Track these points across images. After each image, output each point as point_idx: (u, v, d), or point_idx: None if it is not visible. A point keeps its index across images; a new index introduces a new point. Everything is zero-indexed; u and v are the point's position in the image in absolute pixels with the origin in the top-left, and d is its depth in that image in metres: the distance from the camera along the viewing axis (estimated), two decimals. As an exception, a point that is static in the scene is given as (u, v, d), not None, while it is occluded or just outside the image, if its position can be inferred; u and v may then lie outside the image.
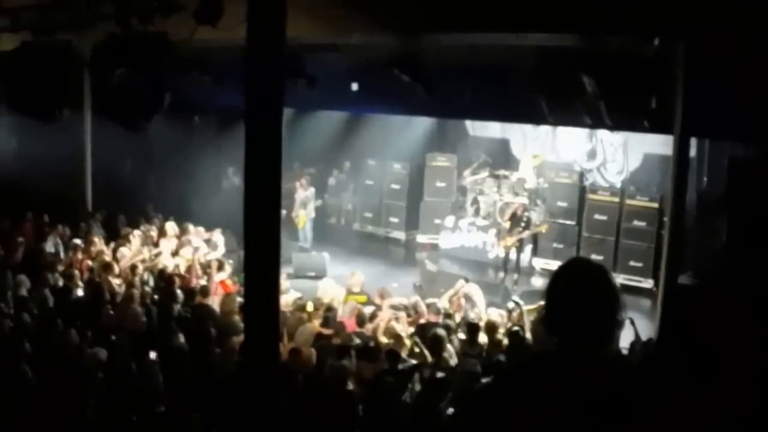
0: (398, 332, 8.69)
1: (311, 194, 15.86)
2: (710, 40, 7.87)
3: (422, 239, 16.42)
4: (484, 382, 6.84)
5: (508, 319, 9.62)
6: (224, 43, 8.67)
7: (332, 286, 11.05)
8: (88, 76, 9.67)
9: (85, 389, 6.79)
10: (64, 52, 8.76)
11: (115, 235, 13.21)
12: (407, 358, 8.02)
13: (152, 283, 10.97)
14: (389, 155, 16.83)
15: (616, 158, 15.30)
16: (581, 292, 2.43)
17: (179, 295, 9.94)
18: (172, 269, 11.30)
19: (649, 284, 13.13)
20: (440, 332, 8.47)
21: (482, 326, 9.01)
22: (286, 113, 6.13)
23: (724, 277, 10.42)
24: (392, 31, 9.01)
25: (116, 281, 10.65)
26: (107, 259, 11.48)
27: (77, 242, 12.15)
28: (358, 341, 8.55)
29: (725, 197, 11.39)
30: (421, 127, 16.99)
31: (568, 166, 15.35)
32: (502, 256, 13.92)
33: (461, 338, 8.96)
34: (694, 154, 11.61)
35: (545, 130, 15.65)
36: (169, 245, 12.54)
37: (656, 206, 13.46)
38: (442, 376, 7.39)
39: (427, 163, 16.58)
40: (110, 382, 7.04)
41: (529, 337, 8.83)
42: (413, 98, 10.63)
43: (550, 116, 10.10)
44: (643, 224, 13.60)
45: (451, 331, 9.03)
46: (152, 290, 10.52)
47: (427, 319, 9.68)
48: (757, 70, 8.03)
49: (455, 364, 8.26)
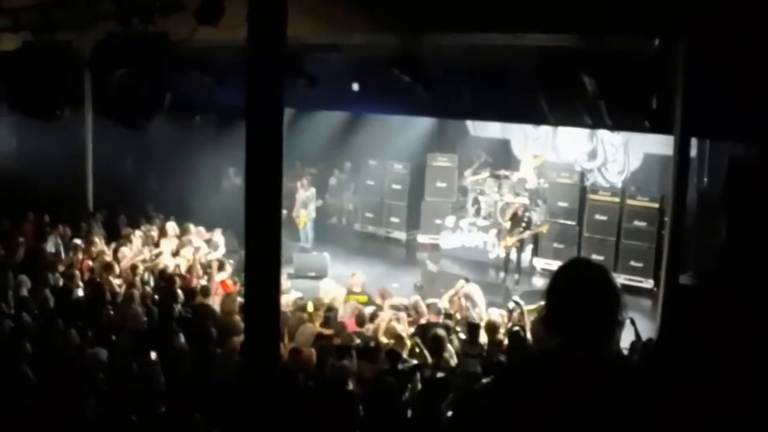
0: (399, 332, 8.68)
1: (312, 194, 15.86)
2: (710, 40, 7.87)
3: (423, 239, 16.42)
4: (484, 382, 6.84)
5: (508, 319, 9.61)
6: (225, 42, 8.71)
7: (333, 286, 11.06)
8: (88, 75, 9.69)
9: (85, 389, 6.78)
10: (64, 51, 8.76)
11: (115, 235, 13.21)
12: (408, 358, 8.02)
13: (153, 283, 10.97)
14: (390, 155, 16.81)
15: (616, 158, 15.31)
16: (582, 292, 2.43)
17: (180, 295, 9.94)
18: (172, 269, 11.29)
19: (649, 284, 13.12)
20: (440, 332, 8.47)
21: (483, 326, 9.01)
22: (286, 113, 6.14)
23: (724, 276, 10.42)
24: (393, 30, 9.00)
25: (117, 281, 10.65)
26: (108, 259, 11.49)
27: (78, 242, 12.15)
28: (358, 341, 8.55)
29: (725, 197, 11.39)
30: (421, 127, 16.99)
31: (568, 166, 15.35)
32: (502, 256, 13.92)
33: (462, 338, 8.97)
34: (694, 154, 11.63)
35: (546, 130, 15.66)
36: (169, 245, 12.53)
37: (657, 206, 13.45)
38: (442, 376, 7.39)
39: (427, 163, 16.57)
40: (111, 382, 7.03)
41: (529, 337, 8.83)
42: (414, 98, 10.62)
43: (550, 116, 10.08)
44: (643, 224, 13.59)
45: (451, 331, 9.03)
46: (153, 290, 10.52)
47: (427, 319, 9.68)
48: (757, 70, 8.03)
49: (455, 364, 8.26)
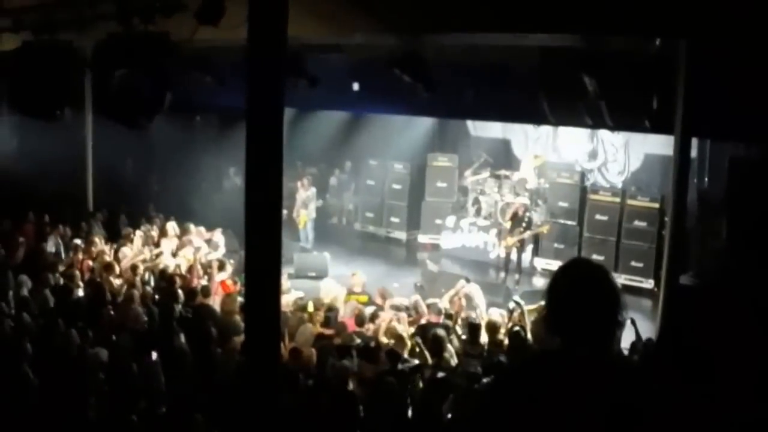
0: (399, 332, 8.67)
1: (312, 194, 15.87)
2: (711, 40, 7.87)
3: (423, 239, 16.41)
4: (484, 382, 6.84)
5: (509, 319, 9.59)
6: (225, 42, 8.69)
7: (333, 286, 11.05)
8: (89, 75, 9.68)
9: (86, 390, 6.78)
10: (65, 51, 8.74)
11: (116, 235, 13.21)
12: (408, 358, 8.01)
13: (153, 283, 10.97)
14: (390, 155, 16.81)
15: (617, 158, 15.30)
16: (582, 292, 2.43)
17: (180, 295, 9.93)
18: (173, 269, 11.29)
19: (650, 284, 13.10)
20: (441, 332, 8.46)
21: (483, 326, 9.00)
22: (287, 113, 6.13)
23: (725, 277, 10.41)
24: (394, 30, 9.00)
25: (117, 281, 10.66)
26: (108, 259, 11.49)
27: (78, 242, 12.15)
28: (359, 341, 8.55)
29: (726, 197, 11.40)
30: (422, 127, 17.00)
31: (569, 166, 15.34)
32: (503, 256, 13.91)
33: (462, 338, 8.96)
34: (695, 154, 11.63)
35: (546, 130, 15.66)
36: (170, 245, 12.52)
37: (657, 206, 13.44)
38: (442, 376, 7.39)
39: (428, 163, 16.57)
40: (111, 382, 7.03)
41: (530, 337, 8.82)
42: (414, 98, 10.62)
43: (551, 116, 10.10)
44: (644, 224, 13.58)
45: (451, 331, 9.03)
46: (153, 290, 10.51)
47: (427, 319, 9.67)
48: (757, 70, 8.03)
49: (456, 364, 8.26)
